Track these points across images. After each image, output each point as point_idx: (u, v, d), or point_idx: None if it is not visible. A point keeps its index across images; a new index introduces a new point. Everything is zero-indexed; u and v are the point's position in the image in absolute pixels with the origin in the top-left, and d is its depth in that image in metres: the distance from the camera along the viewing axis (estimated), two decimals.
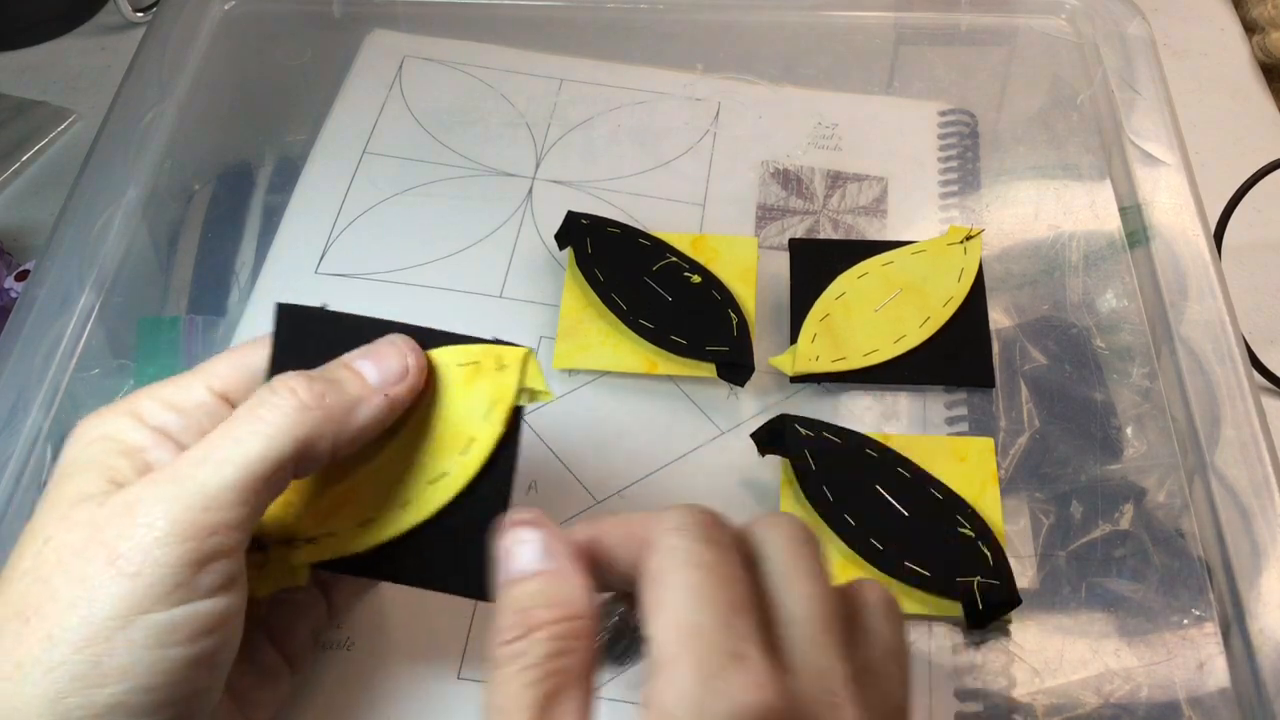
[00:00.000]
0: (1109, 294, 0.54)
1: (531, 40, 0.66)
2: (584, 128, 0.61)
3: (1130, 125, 0.59)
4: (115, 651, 0.31)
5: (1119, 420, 0.50)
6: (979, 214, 0.58)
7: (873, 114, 0.62)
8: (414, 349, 0.37)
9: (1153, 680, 0.43)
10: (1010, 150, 0.61)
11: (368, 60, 0.65)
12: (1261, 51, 0.73)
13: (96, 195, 0.57)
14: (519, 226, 0.57)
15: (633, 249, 0.53)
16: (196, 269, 0.56)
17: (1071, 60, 0.64)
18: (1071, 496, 0.48)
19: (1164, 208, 0.56)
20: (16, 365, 0.50)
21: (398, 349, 0.37)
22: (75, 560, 0.32)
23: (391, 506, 0.37)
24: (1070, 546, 0.46)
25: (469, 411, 0.37)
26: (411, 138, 0.61)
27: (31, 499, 0.48)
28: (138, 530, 0.32)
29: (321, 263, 0.55)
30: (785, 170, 0.59)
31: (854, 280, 0.52)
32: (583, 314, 0.52)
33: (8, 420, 0.49)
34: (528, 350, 0.37)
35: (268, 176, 0.60)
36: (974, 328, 0.51)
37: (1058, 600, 0.45)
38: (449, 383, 0.37)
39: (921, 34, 0.67)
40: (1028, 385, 0.51)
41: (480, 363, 0.37)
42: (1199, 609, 0.45)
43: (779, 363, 0.50)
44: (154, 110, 0.60)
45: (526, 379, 0.37)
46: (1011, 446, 0.49)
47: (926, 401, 0.50)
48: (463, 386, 0.37)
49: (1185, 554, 0.46)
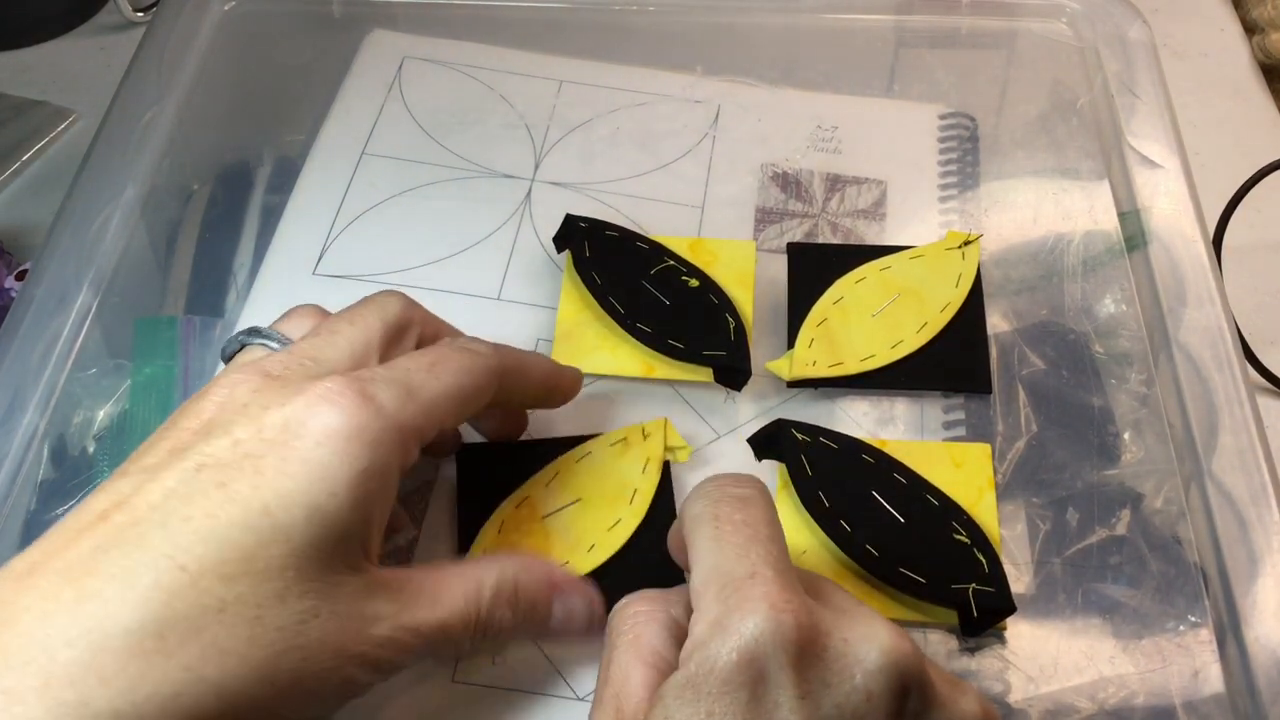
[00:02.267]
0: (1107, 299, 0.54)
1: (531, 42, 0.66)
2: (583, 129, 0.61)
3: (1130, 129, 0.59)
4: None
5: (1116, 426, 0.50)
6: (978, 218, 0.58)
7: (872, 117, 0.62)
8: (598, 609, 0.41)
9: (1148, 687, 0.43)
10: (1010, 154, 0.61)
11: (367, 61, 0.65)
12: (1261, 52, 0.73)
13: (95, 194, 0.57)
14: (517, 228, 0.57)
15: (631, 252, 0.53)
16: (194, 269, 0.56)
17: (1072, 64, 0.64)
18: (1068, 502, 0.48)
19: (1163, 213, 0.56)
20: (12, 364, 0.50)
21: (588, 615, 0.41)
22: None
23: (580, 550, 0.44)
24: (1066, 553, 0.46)
25: (628, 472, 0.45)
26: (410, 139, 0.61)
27: (28, 498, 0.48)
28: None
29: (319, 264, 0.55)
30: (784, 173, 0.59)
31: (852, 285, 0.52)
32: (580, 317, 0.52)
33: (4, 419, 0.49)
34: (665, 420, 0.47)
35: (266, 177, 0.60)
36: (971, 333, 0.51)
37: (1053, 606, 0.45)
38: (607, 458, 0.46)
39: (922, 37, 0.66)
40: (1025, 391, 0.51)
41: (628, 439, 0.46)
42: (1195, 616, 0.45)
43: (776, 367, 0.50)
44: (153, 110, 0.60)
45: (669, 440, 0.47)
46: (1009, 452, 0.49)
47: (924, 407, 0.50)
48: (618, 458, 0.46)
49: (1182, 561, 0.46)
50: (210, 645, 0.30)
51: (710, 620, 0.32)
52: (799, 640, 0.31)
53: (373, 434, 0.34)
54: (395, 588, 0.34)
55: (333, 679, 0.32)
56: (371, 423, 0.34)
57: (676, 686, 0.32)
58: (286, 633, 0.31)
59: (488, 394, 0.39)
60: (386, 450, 0.34)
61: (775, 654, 0.31)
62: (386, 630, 0.33)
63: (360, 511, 0.33)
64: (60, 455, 0.49)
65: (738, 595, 0.32)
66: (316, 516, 0.32)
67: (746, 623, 0.31)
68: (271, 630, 0.31)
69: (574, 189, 0.59)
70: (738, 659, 0.31)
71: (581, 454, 0.46)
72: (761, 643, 0.31)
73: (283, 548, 0.31)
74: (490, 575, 0.37)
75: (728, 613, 0.32)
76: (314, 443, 0.33)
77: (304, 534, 0.32)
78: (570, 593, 0.40)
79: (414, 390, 0.36)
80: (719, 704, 0.31)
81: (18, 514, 0.47)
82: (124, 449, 0.49)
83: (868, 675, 0.32)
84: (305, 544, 0.32)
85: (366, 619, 0.33)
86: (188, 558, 0.31)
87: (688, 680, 0.31)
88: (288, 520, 0.31)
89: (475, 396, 0.38)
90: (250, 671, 0.30)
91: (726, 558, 0.33)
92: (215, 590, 0.30)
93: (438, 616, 0.35)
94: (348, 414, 0.33)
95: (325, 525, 0.32)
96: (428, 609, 0.34)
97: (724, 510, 0.35)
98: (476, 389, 0.38)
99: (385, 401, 0.35)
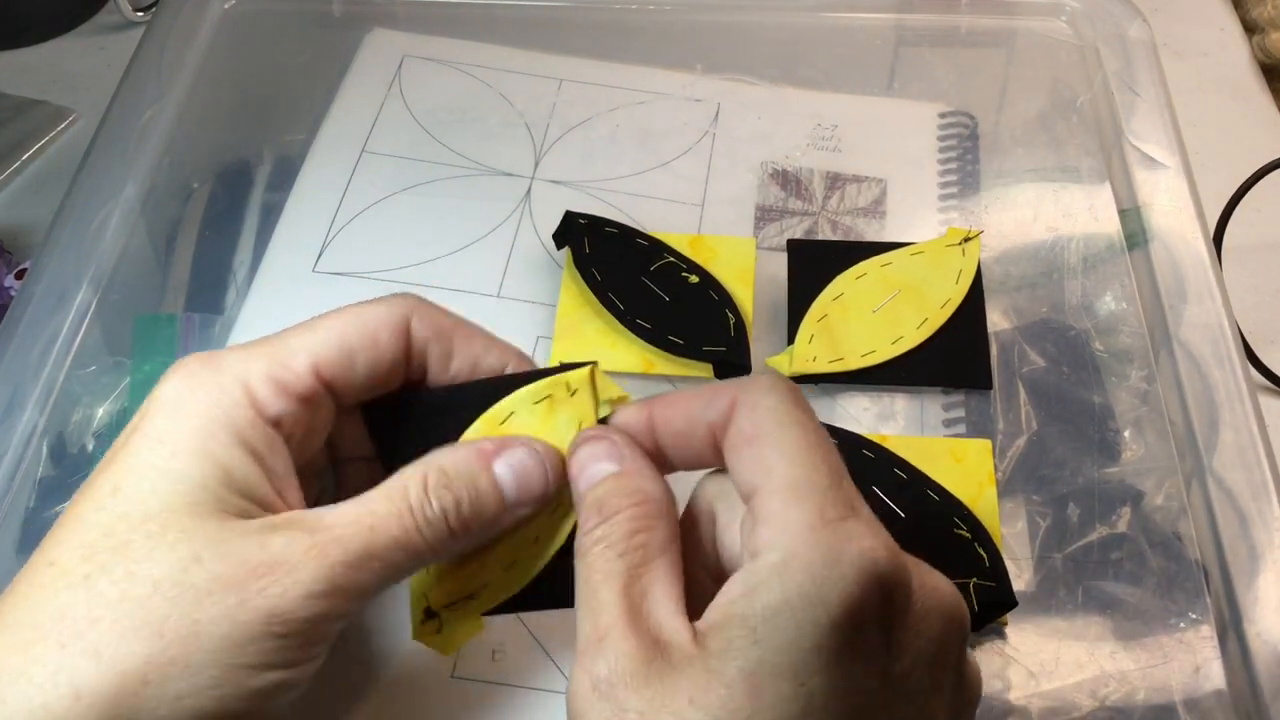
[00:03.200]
0: (1108, 296, 0.54)
1: (531, 40, 0.66)
2: (583, 128, 0.61)
3: (1130, 128, 0.59)
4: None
5: (1117, 423, 0.50)
6: (978, 216, 0.58)
7: (872, 115, 0.62)
8: (554, 462, 0.36)
9: (1148, 683, 0.43)
10: (1010, 152, 0.61)
11: (367, 59, 0.65)
12: (1261, 51, 0.73)
13: (95, 192, 0.57)
14: (517, 226, 0.57)
15: (631, 249, 0.53)
16: (194, 267, 0.56)
17: (1072, 62, 0.64)
18: (1069, 499, 0.48)
19: (1163, 210, 0.56)
20: (12, 361, 0.50)
21: (540, 462, 0.36)
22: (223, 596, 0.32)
23: (527, 544, 0.38)
24: (1067, 549, 0.46)
25: (560, 442, 0.37)
26: (410, 137, 0.61)
27: (26, 495, 0.48)
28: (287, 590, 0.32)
29: (319, 261, 0.55)
30: (784, 171, 0.59)
31: (852, 281, 0.52)
32: (580, 314, 0.52)
33: (3, 417, 0.49)
34: (590, 368, 0.38)
35: (266, 175, 0.60)
36: (972, 329, 0.51)
37: (1054, 603, 0.45)
38: (533, 424, 0.38)
39: (922, 35, 0.66)
40: (1026, 387, 0.51)
41: (553, 395, 0.38)
42: (1195, 612, 0.44)
43: (776, 363, 0.50)
44: (153, 108, 0.60)
45: (600, 393, 0.38)
46: (1009, 448, 0.49)
47: (924, 403, 0.50)
48: (545, 421, 0.38)
49: (1182, 557, 0.46)
50: (80, 620, 0.31)
51: (808, 537, 0.30)
52: (899, 584, 0.30)
53: (209, 392, 0.34)
54: (306, 522, 0.33)
55: (247, 615, 0.31)
56: (206, 381, 0.34)
57: (769, 610, 0.29)
58: (165, 582, 0.31)
59: (389, 345, 0.37)
60: (231, 404, 0.34)
61: (878, 600, 0.30)
62: (302, 554, 0.32)
63: (217, 464, 0.33)
64: (59, 452, 0.49)
65: (844, 527, 0.30)
66: (165, 478, 0.33)
67: (855, 564, 0.29)
68: (145, 584, 0.31)
69: (574, 187, 0.59)
70: (843, 599, 0.29)
71: (504, 415, 0.39)
72: (870, 588, 0.29)
73: (138, 514, 0.32)
74: (413, 470, 0.35)
75: (835, 539, 0.30)
76: (155, 414, 0.34)
77: (155, 496, 0.32)
78: (506, 451, 0.36)
79: (274, 344, 0.35)
80: (819, 638, 0.29)
81: (17, 511, 0.47)
82: None
83: (945, 623, 0.31)
84: (159, 505, 0.32)
85: (270, 550, 0.32)
86: (56, 552, 0.32)
87: (782, 604, 0.29)
88: (137, 490, 0.32)
89: (365, 345, 0.36)
90: (127, 628, 0.31)
91: (820, 477, 0.31)
92: (78, 569, 0.31)
93: (365, 524, 0.33)
94: (182, 379, 0.34)
95: (177, 482, 0.33)
96: (348, 527, 0.33)
97: (808, 419, 0.32)
98: (365, 335, 0.36)
99: (231, 361, 0.35)
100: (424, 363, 0.38)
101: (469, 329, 0.38)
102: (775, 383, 0.33)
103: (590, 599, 0.32)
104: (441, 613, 0.38)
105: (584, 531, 0.33)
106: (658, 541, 0.33)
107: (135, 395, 0.51)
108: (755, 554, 0.30)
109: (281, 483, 0.35)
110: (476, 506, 0.35)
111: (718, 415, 0.34)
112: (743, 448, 0.32)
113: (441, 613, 0.38)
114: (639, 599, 0.31)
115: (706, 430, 0.34)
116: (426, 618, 0.38)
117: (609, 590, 0.31)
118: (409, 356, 0.37)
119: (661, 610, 0.31)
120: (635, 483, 0.34)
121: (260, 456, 0.34)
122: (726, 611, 0.30)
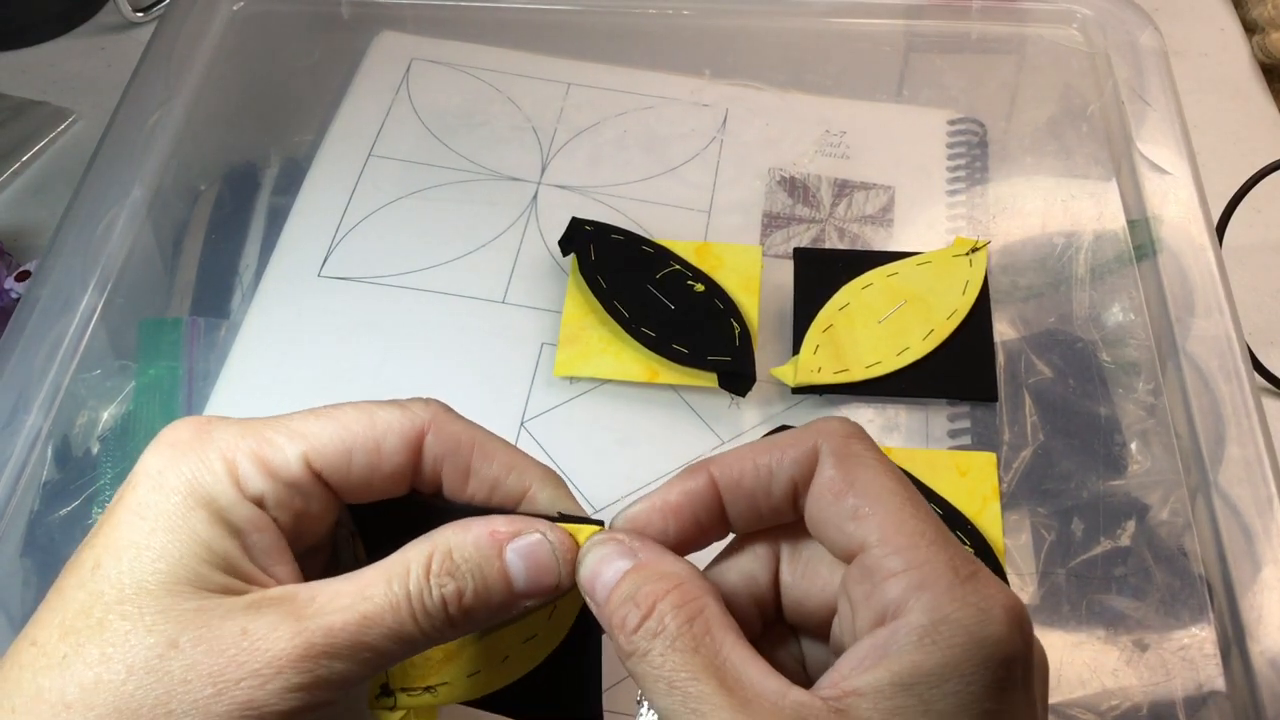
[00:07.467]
0: (1115, 308, 0.54)
1: (539, 44, 0.65)
2: (590, 133, 0.61)
3: (1140, 137, 0.59)
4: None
5: (1123, 436, 0.50)
6: (986, 224, 0.57)
7: (881, 122, 0.62)
8: (566, 555, 0.34)
9: (1152, 700, 0.43)
10: (1019, 160, 0.60)
11: (375, 62, 0.65)
12: (1261, 52, 0.73)
13: (101, 195, 0.57)
14: (523, 231, 0.57)
15: (636, 256, 0.53)
16: (200, 270, 0.56)
17: (1082, 70, 0.64)
18: (1073, 512, 0.47)
19: (1172, 221, 0.55)
20: (18, 365, 0.50)
21: (552, 552, 0.33)
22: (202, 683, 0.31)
23: (494, 661, 0.37)
24: (1071, 563, 0.46)
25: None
26: (417, 140, 0.61)
27: (31, 498, 0.48)
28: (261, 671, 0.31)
29: (325, 265, 0.55)
30: (792, 178, 0.59)
31: (858, 291, 0.52)
32: (584, 321, 0.52)
33: (8, 420, 0.49)
34: (596, 527, 0.35)
35: (273, 178, 0.60)
36: (978, 341, 0.51)
37: (1058, 617, 0.45)
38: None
39: (931, 42, 0.66)
40: (1032, 399, 0.51)
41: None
42: (1199, 628, 0.44)
43: (781, 373, 0.50)
44: (160, 110, 0.60)
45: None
46: (1014, 461, 0.49)
47: (929, 414, 0.50)
48: None
49: (1187, 573, 0.46)
50: (56, 704, 0.30)
51: (953, 595, 0.29)
52: (1028, 639, 0.30)
53: (191, 466, 0.33)
54: (296, 601, 0.32)
55: (223, 708, 0.30)
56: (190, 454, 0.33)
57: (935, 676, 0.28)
58: (139, 669, 0.30)
59: (393, 452, 0.35)
60: (213, 480, 0.33)
61: (1025, 651, 0.29)
62: (286, 644, 0.31)
63: (197, 539, 0.32)
64: (64, 456, 0.49)
65: (977, 583, 0.29)
66: (144, 555, 0.31)
67: (1004, 622, 0.29)
68: (119, 669, 0.30)
69: (580, 192, 0.59)
70: (1004, 659, 0.29)
71: None
72: (1020, 643, 0.29)
73: (114, 593, 0.31)
74: (417, 551, 0.33)
75: (979, 597, 0.29)
76: (138, 484, 0.33)
77: (133, 574, 0.31)
78: (520, 536, 0.33)
79: (271, 424, 0.34)
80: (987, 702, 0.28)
81: (21, 515, 0.47)
82: (128, 450, 0.49)
83: (1041, 668, 0.31)
84: (135, 584, 0.31)
85: (252, 637, 0.31)
86: (37, 630, 0.31)
87: (947, 669, 0.28)
88: (116, 568, 0.31)
89: (366, 447, 0.34)
90: (100, 715, 0.30)
91: (932, 528, 0.30)
92: (56, 649, 0.31)
93: (358, 612, 0.31)
94: (168, 448, 0.33)
95: (157, 560, 0.31)
96: (338, 615, 0.31)
97: (893, 464, 0.32)
98: (369, 437, 0.34)
99: (221, 434, 0.33)
100: (437, 477, 0.36)
101: (491, 447, 0.36)
102: (853, 428, 0.32)
103: (682, 703, 0.29)
104: (397, 694, 0.37)
105: (627, 634, 0.30)
106: (717, 616, 0.30)
107: (140, 399, 0.51)
108: (890, 614, 0.29)
109: (268, 559, 0.33)
110: (482, 596, 0.33)
111: (798, 467, 0.32)
112: (838, 500, 0.31)
113: (397, 694, 0.37)
114: (735, 684, 0.29)
115: (787, 483, 0.32)
116: (383, 694, 0.37)
117: (702, 682, 0.29)
118: (418, 468, 0.35)
119: (771, 685, 0.29)
120: (660, 568, 0.32)
121: (242, 533, 0.33)
122: (872, 679, 0.29)
